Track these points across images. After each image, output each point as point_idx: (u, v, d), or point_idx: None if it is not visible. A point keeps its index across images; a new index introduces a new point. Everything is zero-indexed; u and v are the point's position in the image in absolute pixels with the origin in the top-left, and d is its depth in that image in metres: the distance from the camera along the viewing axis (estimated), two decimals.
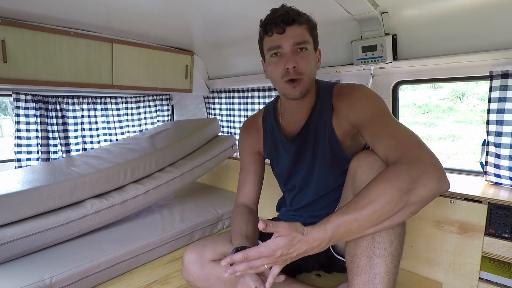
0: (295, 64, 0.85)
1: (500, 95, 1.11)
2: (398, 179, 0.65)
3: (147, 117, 2.41)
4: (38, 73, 1.43)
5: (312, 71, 0.89)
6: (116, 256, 1.21)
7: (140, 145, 1.68)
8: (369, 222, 0.66)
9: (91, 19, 1.43)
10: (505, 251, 1.04)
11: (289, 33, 0.85)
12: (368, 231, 0.68)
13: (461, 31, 1.18)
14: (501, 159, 1.14)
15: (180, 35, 1.78)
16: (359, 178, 0.77)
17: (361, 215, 0.65)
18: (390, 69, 1.40)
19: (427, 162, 0.67)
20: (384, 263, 0.70)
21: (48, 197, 1.20)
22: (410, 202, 0.65)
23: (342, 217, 0.67)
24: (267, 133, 1.09)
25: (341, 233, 0.67)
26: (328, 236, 0.67)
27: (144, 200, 1.47)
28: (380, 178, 0.68)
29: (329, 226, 0.67)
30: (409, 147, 0.72)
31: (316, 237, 0.67)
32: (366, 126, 0.83)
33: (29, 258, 1.15)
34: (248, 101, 2.05)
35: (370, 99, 0.88)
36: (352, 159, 0.94)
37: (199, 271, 0.91)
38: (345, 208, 0.68)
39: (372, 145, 0.81)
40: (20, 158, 1.79)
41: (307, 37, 0.87)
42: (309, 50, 0.88)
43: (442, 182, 0.66)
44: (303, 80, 0.87)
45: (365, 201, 0.66)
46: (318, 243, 0.68)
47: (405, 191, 0.64)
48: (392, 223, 0.67)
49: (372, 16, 1.27)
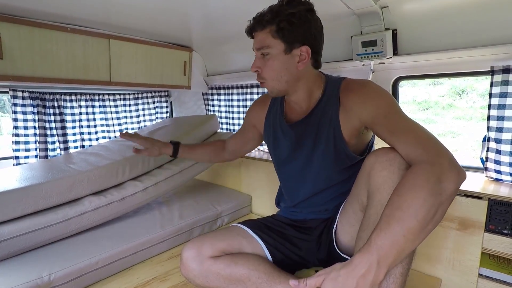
0: (257, 68, 0.93)
1: (501, 91, 1.10)
2: (428, 182, 0.64)
3: (145, 113, 2.39)
4: (34, 70, 1.41)
5: (278, 74, 0.92)
6: (115, 253, 1.20)
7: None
8: (414, 233, 0.62)
9: (88, 15, 1.42)
10: (505, 247, 1.03)
11: (255, 39, 0.94)
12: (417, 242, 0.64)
13: (462, 25, 1.17)
14: (502, 155, 1.14)
15: (178, 31, 1.76)
16: (378, 175, 0.76)
17: (405, 227, 0.62)
18: (390, 65, 1.38)
19: (447, 158, 0.69)
20: (401, 265, 0.70)
21: (46, 194, 1.20)
22: (442, 202, 0.65)
23: (383, 235, 0.62)
24: (271, 115, 1.13)
25: (389, 253, 0.61)
26: (374, 259, 0.61)
27: (143, 197, 1.47)
28: (410, 183, 0.66)
29: (372, 248, 0.62)
30: (427, 143, 0.73)
31: (359, 263, 0.62)
32: (382, 122, 0.83)
33: (27, 256, 1.14)
34: (247, 98, 2.04)
35: (380, 96, 0.87)
36: (357, 157, 0.93)
37: (198, 268, 0.91)
38: (383, 225, 0.64)
39: (390, 141, 0.80)
40: (18, 155, 1.78)
41: (268, 41, 0.89)
42: (270, 55, 0.90)
43: (462, 175, 0.68)
44: (267, 83, 0.94)
45: (403, 210, 0.63)
46: (366, 269, 0.61)
47: (437, 193, 0.64)
48: (433, 227, 0.65)
49: (372, 10, 1.25)
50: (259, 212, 1.83)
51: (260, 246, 0.98)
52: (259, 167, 1.79)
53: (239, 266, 0.89)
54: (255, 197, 1.85)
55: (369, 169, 0.79)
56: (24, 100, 1.76)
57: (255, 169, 1.82)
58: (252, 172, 1.84)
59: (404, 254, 0.64)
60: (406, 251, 0.64)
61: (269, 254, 0.98)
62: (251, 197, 1.86)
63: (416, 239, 0.63)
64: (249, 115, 1.27)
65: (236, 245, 0.96)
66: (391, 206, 0.65)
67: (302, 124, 1.00)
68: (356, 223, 0.88)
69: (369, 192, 0.79)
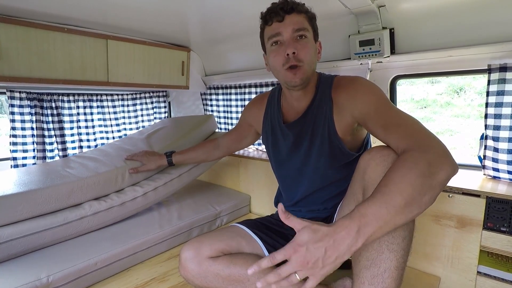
0: (295, 50, 0.87)
1: (498, 89, 1.10)
2: (417, 165, 0.64)
3: (143, 114, 2.39)
4: (32, 70, 1.41)
5: (312, 59, 0.91)
6: (114, 254, 1.20)
7: (137, 146, 1.66)
8: (398, 208, 0.61)
9: (86, 15, 1.41)
10: (503, 244, 1.04)
11: (288, 21, 0.88)
12: (399, 219, 0.62)
13: (459, 24, 1.17)
14: (499, 153, 1.14)
15: (176, 31, 1.75)
16: (372, 171, 0.76)
17: (388, 199, 0.61)
18: (388, 64, 1.38)
19: (438, 148, 0.69)
20: (395, 258, 0.69)
21: (45, 200, 1.19)
22: (432, 186, 0.64)
23: (367, 205, 0.62)
24: (268, 115, 1.13)
25: (370, 222, 0.60)
26: (354, 225, 0.60)
27: (143, 202, 1.47)
28: (398, 165, 0.66)
29: (354, 214, 0.62)
30: (419, 134, 0.73)
31: (340, 225, 0.61)
32: (373, 117, 0.83)
33: (26, 257, 1.14)
34: (245, 97, 2.03)
35: (369, 90, 0.88)
36: (354, 154, 0.94)
37: (197, 268, 0.91)
38: (368, 198, 0.64)
39: (382, 136, 0.80)
40: (16, 156, 1.77)
41: (306, 25, 0.89)
42: (308, 38, 0.90)
43: (454, 166, 0.67)
44: (303, 68, 0.89)
45: (389, 187, 0.63)
46: (345, 232, 0.60)
47: (426, 175, 0.63)
48: (420, 210, 0.64)
49: (369, 9, 1.25)
50: (258, 212, 1.83)
51: (259, 246, 0.98)
52: (258, 166, 1.79)
53: (238, 266, 0.89)
54: (254, 197, 1.85)
55: (364, 167, 0.79)
56: (21, 101, 1.75)
57: (254, 169, 1.82)
58: (251, 171, 1.84)
59: (385, 228, 0.62)
60: (387, 226, 0.62)
61: (268, 254, 0.98)
62: (250, 197, 1.86)
63: (398, 214, 0.61)
64: (246, 114, 1.27)
65: (235, 245, 0.96)
66: (379, 184, 0.66)
67: (299, 123, 1.00)
68: None
69: (364, 189, 0.79)
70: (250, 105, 1.26)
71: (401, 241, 0.70)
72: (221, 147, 1.40)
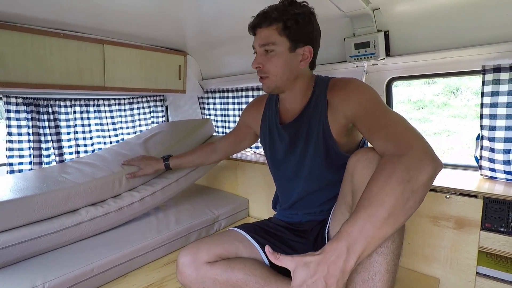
0: (259, 64, 0.94)
1: (493, 89, 1.11)
2: (395, 171, 0.64)
3: (141, 118, 2.38)
4: (28, 76, 1.40)
5: (281, 71, 0.93)
6: (111, 260, 1.19)
7: (134, 151, 1.65)
8: (382, 220, 0.61)
9: (82, 21, 1.41)
10: (501, 245, 1.04)
11: (258, 35, 0.94)
12: (386, 230, 0.62)
13: (453, 26, 1.18)
14: (495, 153, 1.14)
15: (173, 36, 1.76)
16: (359, 174, 0.76)
17: (371, 213, 0.62)
18: (383, 66, 1.39)
19: (418, 149, 0.68)
20: (385, 261, 0.69)
21: (41, 206, 1.18)
22: (414, 190, 0.63)
23: (352, 223, 0.63)
24: (266, 117, 1.13)
25: (357, 239, 0.61)
26: (342, 245, 0.61)
27: (140, 207, 1.46)
28: (377, 175, 0.67)
29: (340, 235, 0.62)
30: (400, 136, 0.73)
31: (329, 250, 0.62)
32: (362, 119, 0.84)
33: (21, 264, 1.12)
34: (243, 101, 2.03)
35: (362, 92, 0.88)
36: (349, 156, 0.94)
37: (194, 274, 0.90)
38: (352, 215, 0.64)
39: (369, 138, 0.81)
40: (12, 162, 1.76)
41: (273, 38, 0.90)
42: (275, 51, 0.91)
43: (436, 164, 0.66)
44: (269, 79, 0.94)
45: (370, 200, 0.63)
46: (336, 256, 0.61)
47: (405, 180, 0.63)
48: (406, 216, 0.64)
49: (364, 12, 1.26)
50: (256, 215, 1.83)
51: (257, 250, 0.98)
52: (256, 170, 1.79)
53: (236, 271, 0.88)
54: (252, 200, 1.84)
55: (352, 170, 0.79)
56: (17, 106, 1.74)
57: (252, 172, 1.81)
58: (248, 175, 1.84)
59: (375, 242, 0.62)
60: (376, 240, 0.62)
61: (266, 258, 0.97)
62: (248, 201, 1.85)
63: (384, 226, 0.62)
64: (245, 116, 1.27)
65: (232, 249, 0.95)
66: (361, 197, 0.66)
67: (295, 124, 1.01)
68: None
69: (353, 192, 0.79)
70: (249, 107, 1.26)
71: (390, 244, 0.70)
72: (218, 150, 1.40)
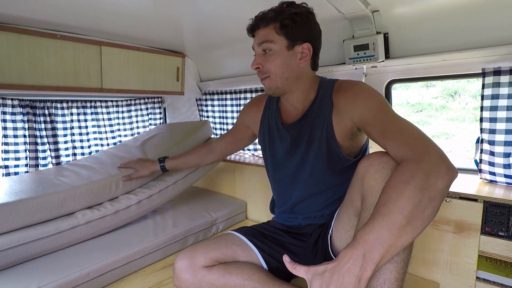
0: (258, 65, 0.94)
1: (493, 92, 1.10)
2: (414, 178, 0.63)
3: (139, 120, 2.36)
4: (23, 78, 1.39)
5: (281, 70, 0.92)
6: (107, 264, 1.17)
7: (131, 153, 1.63)
8: (400, 228, 0.60)
9: (79, 22, 1.40)
10: (501, 249, 1.03)
11: (256, 36, 0.95)
12: (405, 238, 0.61)
13: (453, 28, 1.17)
14: (495, 156, 1.14)
15: (171, 37, 1.75)
16: (371, 178, 0.75)
17: (389, 221, 0.60)
18: (383, 68, 1.39)
19: (435, 155, 0.68)
20: (395, 269, 0.68)
21: (36, 209, 1.16)
22: (432, 198, 0.63)
23: (368, 230, 0.61)
24: (266, 116, 1.12)
25: (374, 246, 0.60)
26: (358, 252, 0.60)
27: (137, 210, 1.44)
28: (395, 180, 0.66)
29: (356, 242, 0.61)
30: (416, 141, 0.73)
31: (343, 257, 0.61)
32: (372, 123, 0.83)
33: (15, 269, 1.10)
34: (241, 103, 2.02)
35: (370, 96, 0.88)
36: (351, 160, 0.93)
37: (191, 278, 0.88)
38: (368, 221, 0.63)
39: (381, 142, 0.80)
40: (8, 165, 1.74)
41: (271, 36, 0.91)
42: (274, 51, 0.91)
43: (452, 172, 0.67)
44: (270, 78, 0.94)
45: (388, 207, 0.62)
46: (351, 263, 0.60)
47: (424, 188, 0.62)
48: (424, 224, 0.63)
49: (363, 14, 1.26)
50: (254, 218, 1.81)
51: (255, 254, 0.96)
52: (254, 172, 1.77)
53: (233, 276, 0.87)
54: (251, 203, 1.83)
55: (363, 173, 0.78)
56: (13, 109, 1.73)
57: (250, 175, 1.80)
58: (247, 177, 1.83)
59: (393, 250, 0.61)
60: (394, 248, 0.61)
61: (264, 262, 0.96)
62: (246, 203, 1.84)
63: (402, 234, 0.61)
64: (243, 115, 1.26)
65: (230, 253, 0.94)
66: (378, 204, 0.65)
67: (297, 125, 1.00)
68: (351, 229, 0.86)
69: (363, 196, 0.78)
70: (248, 106, 1.24)
71: (401, 252, 0.68)
72: (215, 150, 1.38)
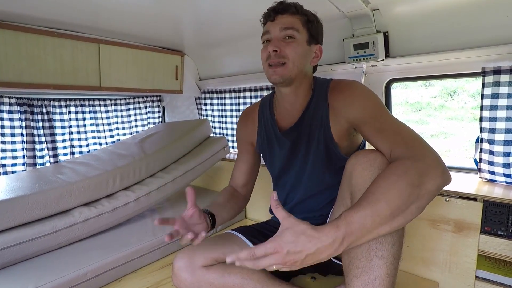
0: (278, 48, 0.86)
1: (493, 92, 1.10)
2: (407, 174, 0.64)
3: (137, 119, 2.35)
4: (21, 75, 1.38)
5: (298, 59, 0.89)
6: (105, 264, 1.16)
7: (130, 150, 1.63)
8: (383, 218, 0.62)
9: (77, 19, 1.39)
10: (501, 249, 1.03)
11: (278, 20, 0.89)
12: (383, 228, 0.63)
13: (453, 27, 1.17)
14: (495, 156, 1.13)
15: (170, 35, 1.74)
16: (359, 175, 0.75)
17: (374, 209, 0.62)
18: (382, 67, 1.38)
19: (431, 157, 0.68)
20: (385, 265, 0.68)
21: (32, 206, 1.15)
22: (420, 196, 0.64)
23: (353, 213, 0.62)
24: (262, 126, 1.09)
25: (355, 231, 0.61)
26: (340, 234, 0.61)
27: (135, 207, 1.43)
28: (388, 172, 0.66)
29: (340, 222, 0.62)
30: (413, 142, 0.73)
31: (327, 233, 0.61)
32: (368, 122, 0.83)
33: (12, 268, 1.10)
34: (240, 101, 2.02)
35: (366, 96, 0.87)
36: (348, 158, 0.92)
37: (190, 278, 0.88)
38: (355, 205, 0.64)
39: (375, 139, 0.80)
40: (5, 163, 1.73)
41: (297, 25, 0.89)
42: (296, 39, 0.88)
43: (446, 176, 0.67)
44: (287, 66, 0.87)
45: (377, 195, 0.63)
46: (330, 242, 0.60)
47: (415, 184, 0.63)
48: (405, 220, 0.64)
49: (363, 13, 1.25)
50: (254, 218, 1.81)
51: None
52: None
53: (233, 275, 0.87)
54: (250, 202, 1.80)
55: (350, 171, 0.78)
56: (11, 107, 1.71)
57: None
58: None
59: (366, 238, 0.63)
60: (369, 235, 0.63)
61: None
62: None
63: (382, 224, 0.62)
64: (241, 133, 1.16)
65: (229, 253, 0.92)
66: (367, 190, 0.66)
67: (295, 129, 0.98)
68: None
69: (351, 194, 0.78)
70: (243, 121, 1.16)
71: (390, 247, 0.69)
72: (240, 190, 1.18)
